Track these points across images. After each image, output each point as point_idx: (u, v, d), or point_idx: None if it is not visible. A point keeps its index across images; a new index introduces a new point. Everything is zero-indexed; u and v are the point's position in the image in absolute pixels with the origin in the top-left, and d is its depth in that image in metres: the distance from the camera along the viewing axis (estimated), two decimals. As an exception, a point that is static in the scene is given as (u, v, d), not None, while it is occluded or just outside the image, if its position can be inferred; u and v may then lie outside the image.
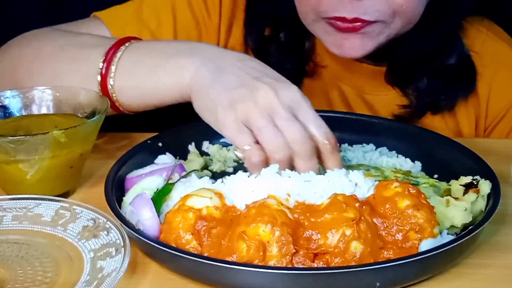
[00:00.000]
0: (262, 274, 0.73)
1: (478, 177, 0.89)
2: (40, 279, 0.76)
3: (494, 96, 1.19)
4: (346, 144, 1.05)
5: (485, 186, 0.86)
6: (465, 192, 0.87)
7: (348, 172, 0.86)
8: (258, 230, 0.76)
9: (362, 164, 0.99)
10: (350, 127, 1.05)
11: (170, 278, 0.79)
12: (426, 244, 0.78)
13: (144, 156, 0.96)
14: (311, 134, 0.86)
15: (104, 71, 0.98)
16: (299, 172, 0.85)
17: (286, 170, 0.86)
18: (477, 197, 0.85)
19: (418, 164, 1.01)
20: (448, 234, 0.82)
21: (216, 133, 1.04)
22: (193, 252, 0.78)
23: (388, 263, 0.74)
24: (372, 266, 0.74)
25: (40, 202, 0.87)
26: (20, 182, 0.91)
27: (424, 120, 1.18)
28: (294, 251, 0.76)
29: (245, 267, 0.74)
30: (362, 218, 0.77)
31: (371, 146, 1.05)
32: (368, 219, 0.78)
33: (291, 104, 0.86)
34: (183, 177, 0.90)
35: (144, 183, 0.89)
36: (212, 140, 1.04)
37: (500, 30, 1.23)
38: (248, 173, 0.86)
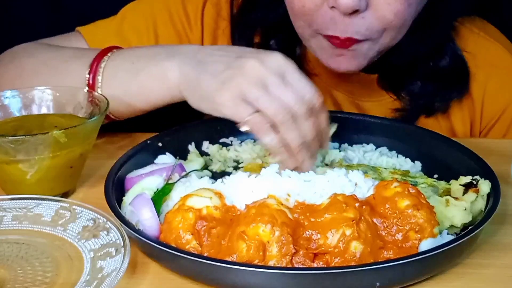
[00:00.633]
0: (262, 274, 0.73)
1: (477, 177, 0.89)
2: (40, 279, 0.76)
3: (489, 98, 1.18)
4: (346, 144, 1.05)
5: (485, 186, 0.86)
6: (464, 192, 0.87)
7: (348, 172, 0.86)
8: (258, 230, 0.76)
9: (361, 164, 0.99)
10: (350, 127, 1.05)
11: (170, 278, 0.79)
12: (426, 244, 0.78)
13: (144, 156, 0.96)
14: (300, 95, 0.88)
15: (91, 82, 1.00)
16: (302, 136, 0.88)
17: (286, 170, 0.86)
18: (476, 197, 0.85)
19: (418, 164, 1.01)
20: (448, 234, 0.82)
21: (216, 133, 1.05)
22: (193, 252, 0.78)
23: (388, 263, 0.74)
24: (372, 266, 0.74)
25: (40, 202, 0.87)
26: (20, 182, 0.91)
27: (417, 122, 1.17)
28: (294, 251, 0.76)
29: (245, 267, 0.74)
30: (362, 218, 0.77)
31: (371, 146, 1.05)
32: (368, 219, 0.78)
33: (278, 70, 0.89)
34: (183, 177, 0.91)
35: (144, 183, 0.89)
36: (212, 140, 1.04)
37: (493, 29, 1.22)
38: (248, 173, 0.87)
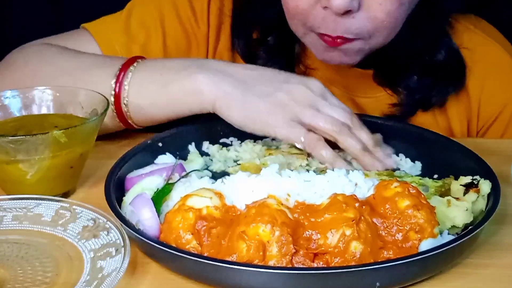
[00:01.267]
0: (262, 274, 0.73)
1: (477, 177, 0.89)
2: (40, 279, 0.76)
3: (486, 96, 1.18)
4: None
5: (485, 186, 0.86)
6: (465, 192, 0.87)
7: (348, 172, 0.86)
8: (258, 230, 0.76)
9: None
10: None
11: (170, 278, 0.79)
12: (426, 244, 0.78)
13: (144, 156, 0.96)
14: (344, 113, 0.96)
15: (117, 91, 1.01)
16: (364, 142, 0.96)
17: (286, 170, 0.86)
18: (477, 197, 0.85)
19: (418, 164, 1.01)
20: (449, 234, 0.82)
21: (216, 133, 1.04)
22: (193, 252, 0.78)
23: (388, 263, 0.74)
24: (372, 266, 0.74)
25: (40, 202, 0.87)
26: (20, 182, 0.91)
27: (414, 118, 1.17)
28: (294, 251, 0.76)
29: (245, 267, 0.74)
30: (362, 218, 0.77)
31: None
32: (368, 219, 0.78)
33: (321, 93, 0.97)
34: (183, 177, 0.90)
35: (144, 183, 0.89)
36: (212, 140, 1.04)
37: (488, 27, 1.22)
38: (248, 173, 0.87)
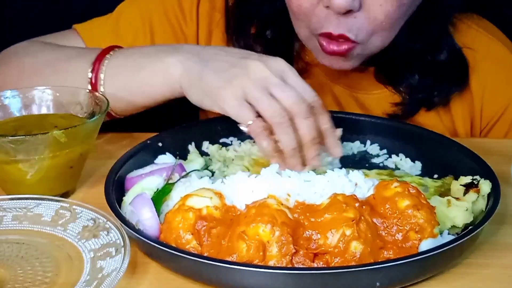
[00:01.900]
0: (262, 274, 0.73)
1: (478, 177, 0.89)
2: (40, 279, 0.76)
3: (489, 95, 1.18)
4: (344, 143, 1.05)
5: (485, 186, 0.86)
6: (465, 192, 0.87)
7: (348, 172, 0.86)
8: (258, 230, 0.76)
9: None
10: (350, 127, 1.05)
11: (170, 278, 0.79)
12: (426, 244, 0.78)
13: (144, 156, 0.96)
14: (301, 95, 0.92)
15: (93, 81, 1.02)
16: (301, 132, 0.91)
17: (286, 170, 0.86)
18: (477, 197, 0.85)
19: (418, 164, 1.01)
20: (449, 234, 0.82)
21: (216, 133, 1.04)
22: (193, 252, 0.78)
23: (388, 263, 0.74)
24: (372, 266, 0.74)
25: (40, 202, 0.87)
26: (20, 182, 0.91)
27: (418, 117, 1.17)
28: (294, 251, 0.76)
29: (245, 267, 0.74)
30: (362, 218, 0.77)
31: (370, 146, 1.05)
32: (368, 219, 0.78)
33: (280, 72, 0.94)
34: (183, 177, 0.90)
35: (144, 183, 0.89)
36: (212, 140, 1.04)
37: (491, 26, 1.22)
38: (248, 172, 0.87)
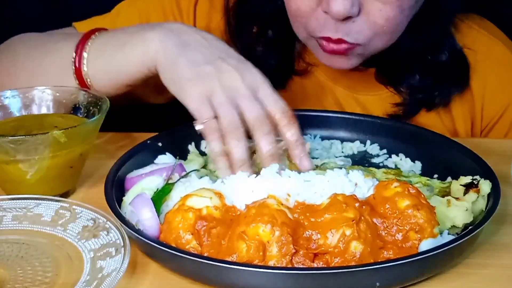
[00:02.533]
0: (262, 274, 0.73)
1: (478, 177, 0.89)
2: (40, 279, 0.76)
3: (490, 95, 1.18)
4: (344, 143, 1.06)
5: (485, 186, 0.86)
6: (465, 192, 0.87)
7: (348, 172, 0.86)
8: (258, 230, 0.76)
9: (353, 166, 0.99)
10: (350, 127, 1.05)
11: (170, 278, 0.79)
12: (426, 244, 0.78)
13: (144, 156, 0.96)
14: (269, 110, 0.91)
15: (77, 59, 1.02)
16: (259, 146, 0.89)
17: (286, 170, 0.86)
18: (477, 197, 0.85)
19: (418, 164, 1.01)
20: (449, 234, 0.82)
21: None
22: (193, 252, 0.78)
23: (388, 263, 0.74)
24: (372, 266, 0.74)
25: (40, 202, 0.87)
26: (20, 182, 0.91)
27: (419, 118, 1.18)
28: (294, 251, 0.76)
29: (245, 267, 0.74)
30: (362, 218, 0.77)
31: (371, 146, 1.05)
32: (368, 219, 0.78)
33: (252, 84, 0.92)
34: (183, 177, 0.90)
35: (144, 183, 0.89)
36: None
37: (491, 26, 1.22)
38: (248, 172, 0.87)
